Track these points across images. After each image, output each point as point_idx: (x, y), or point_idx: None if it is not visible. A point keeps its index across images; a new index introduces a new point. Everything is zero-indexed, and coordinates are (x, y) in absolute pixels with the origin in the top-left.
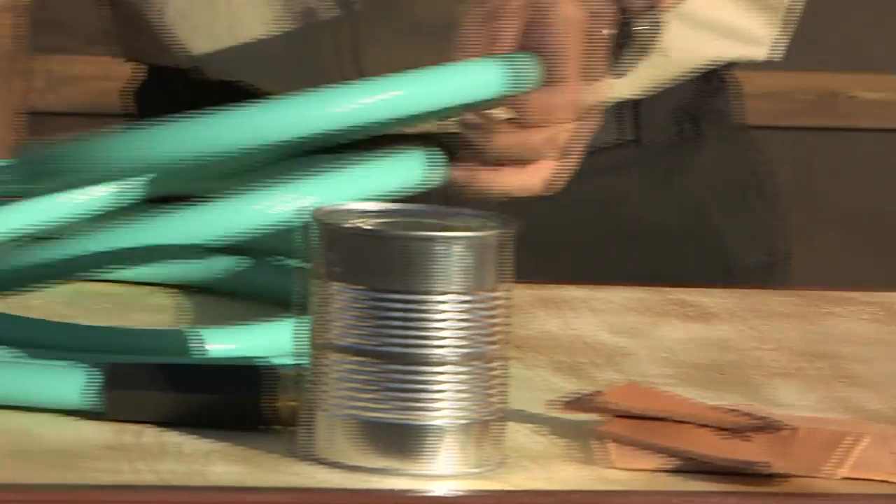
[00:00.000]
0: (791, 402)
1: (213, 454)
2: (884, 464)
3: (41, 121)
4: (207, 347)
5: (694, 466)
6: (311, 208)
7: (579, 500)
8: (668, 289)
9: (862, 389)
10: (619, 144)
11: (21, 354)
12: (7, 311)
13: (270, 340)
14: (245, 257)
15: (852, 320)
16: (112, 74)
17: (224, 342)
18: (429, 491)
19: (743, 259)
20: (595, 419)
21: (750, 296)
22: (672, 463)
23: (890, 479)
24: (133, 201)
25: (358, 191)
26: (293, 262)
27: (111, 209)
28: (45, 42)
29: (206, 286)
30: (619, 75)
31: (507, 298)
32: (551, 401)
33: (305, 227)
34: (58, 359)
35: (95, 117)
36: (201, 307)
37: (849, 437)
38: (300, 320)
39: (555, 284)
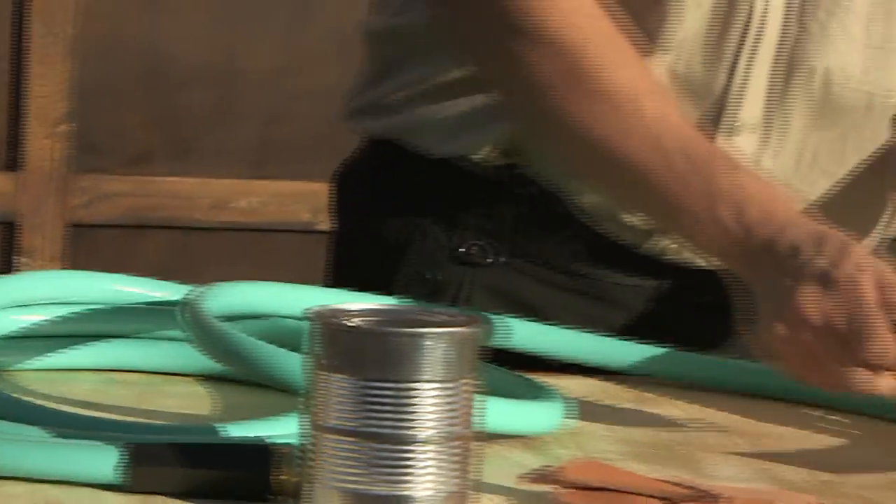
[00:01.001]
0: (725, 474)
1: None
2: None
3: (82, 233)
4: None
5: None
6: (312, 309)
7: None
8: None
9: (785, 464)
10: None
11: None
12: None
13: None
14: None
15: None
16: (144, 191)
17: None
18: None
19: None
20: (558, 490)
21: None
22: None
23: None
24: None
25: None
26: None
27: None
28: (87, 162)
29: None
30: None
31: (478, 385)
32: (520, 475)
33: (309, 326)
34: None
35: (130, 228)
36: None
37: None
38: (303, 405)
39: (526, 372)
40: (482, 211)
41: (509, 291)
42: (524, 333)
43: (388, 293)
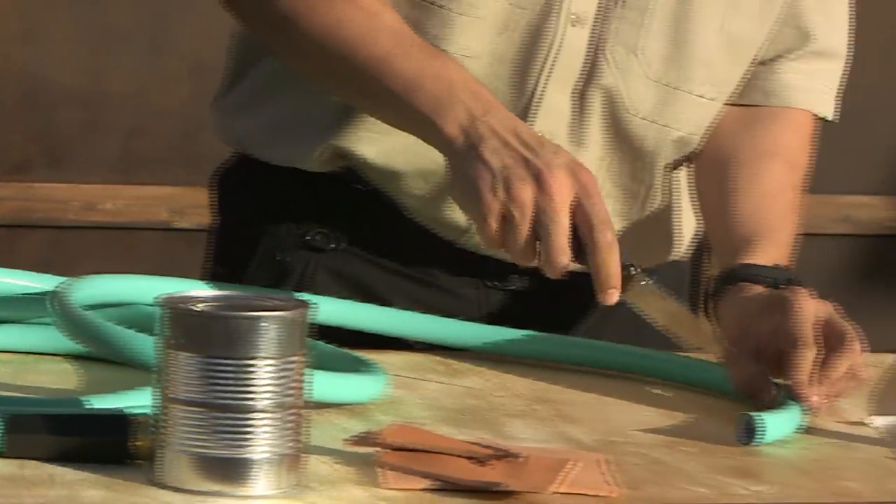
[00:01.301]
0: (519, 435)
1: (86, 482)
2: (596, 482)
3: None
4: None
5: (451, 487)
6: (163, 297)
7: None
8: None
9: (574, 426)
10: None
11: None
12: None
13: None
14: None
15: (570, 372)
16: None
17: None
18: None
19: None
20: (378, 452)
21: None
22: (435, 484)
23: (600, 493)
24: None
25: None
26: None
27: None
28: None
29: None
30: None
31: (305, 360)
32: (346, 439)
33: (161, 311)
34: None
35: (12, 228)
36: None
37: (568, 462)
38: (156, 380)
39: (351, 348)
40: (326, 204)
41: (349, 275)
42: (355, 313)
43: (245, 276)
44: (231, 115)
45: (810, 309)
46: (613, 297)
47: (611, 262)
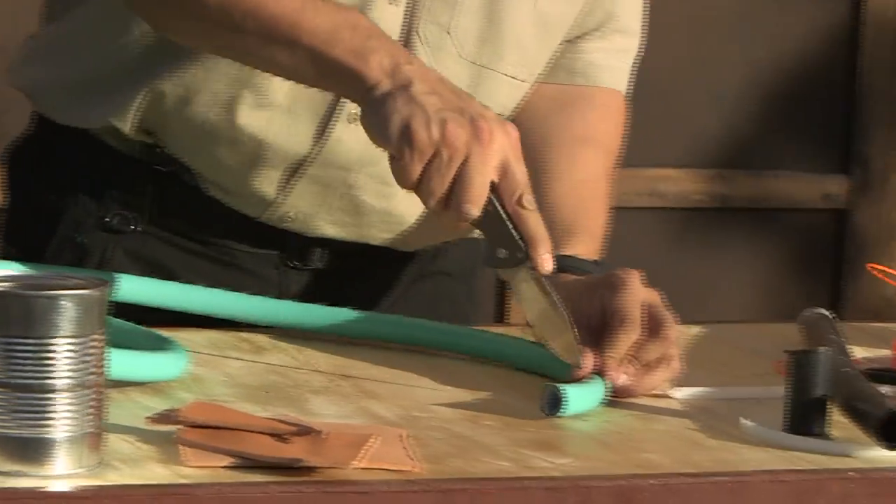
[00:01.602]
0: (322, 411)
1: None
2: (398, 457)
3: None
4: None
5: (251, 463)
6: None
7: (158, 492)
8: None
9: (376, 402)
10: None
11: None
12: None
13: None
14: None
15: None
16: None
17: None
18: (47, 487)
19: None
20: (180, 430)
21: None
22: (236, 461)
23: (402, 468)
24: None
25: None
26: None
27: None
28: None
29: None
30: None
31: (106, 339)
32: (148, 417)
33: None
34: None
35: None
36: None
37: (370, 437)
38: None
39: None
40: (126, 185)
41: (149, 257)
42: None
43: (44, 257)
44: (30, 59)
45: (640, 291)
46: (549, 261)
47: (541, 226)
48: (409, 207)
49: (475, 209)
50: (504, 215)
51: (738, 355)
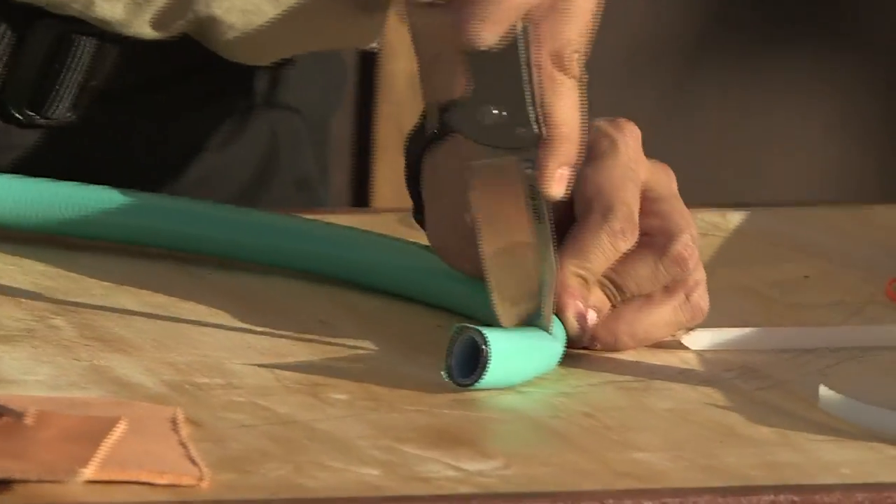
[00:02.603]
0: (20, 376)
1: None
2: (167, 460)
3: None
4: None
5: None
6: None
7: None
8: None
9: (123, 357)
10: None
11: None
12: None
13: None
14: None
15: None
16: None
17: None
18: None
19: None
20: None
21: None
22: None
23: (174, 481)
24: None
25: None
26: None
27: None
28: None
29: None
30: None
31: None
32: None
33: None
34: None
35: None
36: None
37: (118, 423)
38: None
39: None
40: None
41: None
42: None
43: None
44: None
45: (635, 165)
46: (564, 178)
47: (576, 112)
48: None
49: (486, 33)
50: (525, 71)
51: (808, 267)
